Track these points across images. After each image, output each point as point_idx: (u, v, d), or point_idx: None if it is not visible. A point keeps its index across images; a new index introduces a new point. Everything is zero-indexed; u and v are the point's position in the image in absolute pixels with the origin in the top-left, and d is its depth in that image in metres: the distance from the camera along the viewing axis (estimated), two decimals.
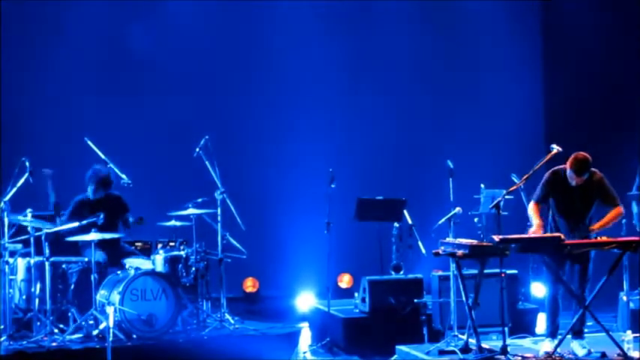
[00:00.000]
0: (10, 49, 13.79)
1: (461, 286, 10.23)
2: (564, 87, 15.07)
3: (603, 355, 9.92)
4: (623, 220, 11.98)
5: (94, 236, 10.78)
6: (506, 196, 10.40)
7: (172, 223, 11.79)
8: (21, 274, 11.07)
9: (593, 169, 10.03)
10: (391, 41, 15.09)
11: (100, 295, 10.88)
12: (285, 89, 14.82)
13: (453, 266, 10.61)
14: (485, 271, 10.11)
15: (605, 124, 14.55)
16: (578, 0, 14.95)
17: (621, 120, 14.45)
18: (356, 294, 12.64)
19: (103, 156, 11.68)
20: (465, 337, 10.31)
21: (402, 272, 12.47)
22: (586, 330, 10.38)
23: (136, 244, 12.05)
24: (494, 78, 15.19)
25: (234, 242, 12.04)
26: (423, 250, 12.24)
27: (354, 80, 15.02)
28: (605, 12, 14.69)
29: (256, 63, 14.82)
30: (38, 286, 10.86)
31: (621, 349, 9.88)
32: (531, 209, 10.19)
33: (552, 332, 10.24)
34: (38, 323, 10.81)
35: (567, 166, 10.00)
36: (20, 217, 10.76)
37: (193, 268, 11.46)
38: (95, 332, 10.73)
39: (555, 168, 10.16)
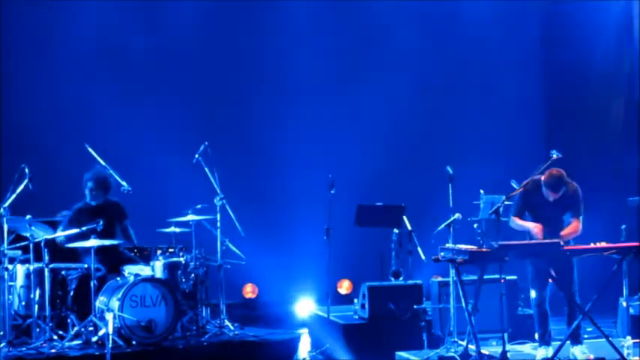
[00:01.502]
0: (10, 53, 13.78)
1: (460, 292, 10.23)
2: (565, 92, 15.07)
3: None
4: (623, 226, 11.99)
5: (93, 242, 10.78)
6: (506, 202, 10.40)
7: (172, 229, 11.79)
8: (20, 281, 11.07)
9: (567, 179, 10.05)
10: (391, 46, 15.08)
11: (100, 301, 10.87)
12: (284, 94, 14.80)
13: (452, 272, 10.61)
14: (485, 276, 10.11)
15: (607, 128, 14.54)
16: (577, 2, 14.94)
17: (622, 124, 14.45)
18: (355, 300, 12.63)
19: (102, 162, 11.68)
20: (464, 342, 10.31)
21: (401, 278, 12.46)
22: (586, 336, 10.39)
23: (135, 250, 12.03)
24: (494, 83, 15.18)
25: (234, 248, 12.03)
26: (423, 256, 12.23)
27: (354, 85, 15.01)
28: (606, 12, 14.69)
29: (255, 69, 14.80)
30: (37, 292, 10.85)
31: (621, 354, 9.89)
32: (516, 221, 10.19)
33: (545, 339, 10.24)
34: (37, 329, 10.80)
35: (544, 181, 10.02)
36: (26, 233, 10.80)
37: (193, 275, 11.45)
38: (94, 339, 10.71)
39: (531, 179, 10.15)
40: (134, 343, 10.71)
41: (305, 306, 13.97)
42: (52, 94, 13.99)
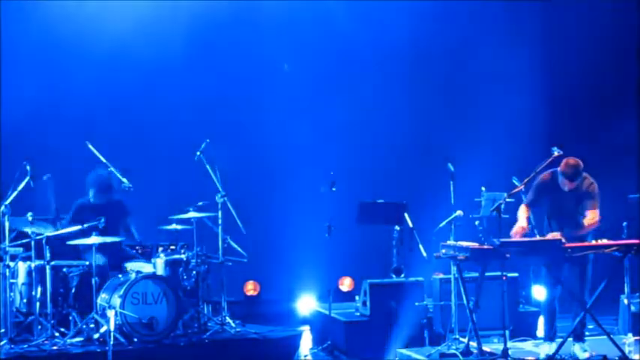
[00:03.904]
0: (11, 52, 13.78)
1: (462, 289, 10.24)
2: (566, 89, 15.07)
3: (604, 358, 9.94)
4: (624, 223, 11.99)
5: (94, 240, 10.79)
6: (507, 199, 10.41)
7: (173, 226, 11.78)
8: (22, 278, 11.08)
9: (585, 174, 10.06)
10: (392, 44, 15.07)
11: (101, 298, 10.88)
12: (285, 93, 14.80)
13: (454, 269, 10.62)
14: (486, 274, 10.12)
15: (606, 126, 14.55)
16: (578, 1, 14.94)
17: (622, 122, 14.45)
18: (357, 297, 12.63)
19: (104, 160, 11.69)
20: (466, 340, 10.32)
21: (402, 275, 12.46)
22: (587, 333, 10.39)
23: (137, 247, 12.04)
24: (495, 81, 15.17)
25: (235, 246, 12.03)
26: (424, 253, 12.24)
27: (355, 83, 15.01)
28: (606, 12, 14.69)
29: (257, 66, 14.80)
30: (39, 289, 10.86)
31: (622, 352, 9.90)
32: (521, 210, 10.22)
33: (550, 336, 10.26)
34: (39, 327, 10.81)
35: (561, 170, 10.03)
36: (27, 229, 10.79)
37: (194, 272, 11.46)
38: (96, 336, 10.72)
39: (547, 171, 10.18)
40: (135, 340, 10.72)
41: (306, 303, 13.98)
42: (53, 92, 13.98)
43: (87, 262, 11.07)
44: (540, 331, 11.14)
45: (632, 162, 13.90)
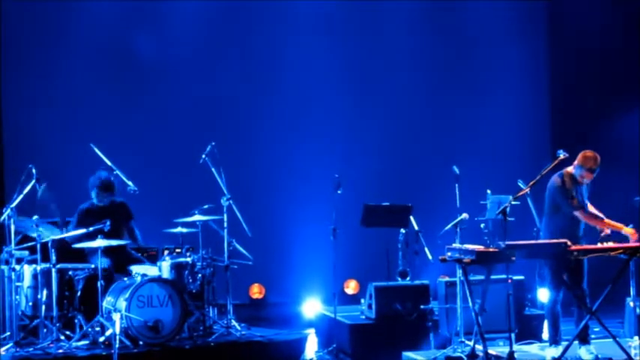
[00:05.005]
0: (13, 53, 13.79)
1: (467, 292, 10.22)
2: (571, 91, 15.06)
3: None
4: (630, 225, 11.98)
5: (100, 243, 10.79)
6: (513, 202, 10.39)
7: (179, 229, 11.80)
8: (27, 281, 11.08)
9: None
10: (396, 46, 15.07)
11: (107, 301, 10.89)
12: (290, 95, 14.80)
13: (459, 272, 10.61)
14: (492, 276, 10.11)
15: (611, 128, 14.55)
16: (582, 1, 14.93)
17: (624, 122, 14.45)
18: (362, 300, 12.63)
19: (109, 162, 11.70)
20: (471, 343, 10.31)
21: (408, 278, 12.46)
22: (593, 336, 10.39)
23: (143, 250, 12.04)
24: (500, 83, 15.17)
25: (241, 248, 12.04)
26: (430, 256, 12.24)
27: (360, 86, 15.01)
28: (609, 13, 14.70)
29: (261, 68, 14.80)
30: (45, 292, 10.87)
31: (628, 354, 9.88)
32: (590, 216, 10.16)
33: (555, 339, 10.24)
34: (44, 330, 10.81)
35: (581, 164, 10.06)
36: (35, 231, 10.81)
37: (200, 275, 11.46)
38: (102, 339, 10.72)
39: (562, 172, 10.20)
40: (141, 343, 10.72)
41: (312, 306, 13.97)
42: (57, 94, 14.00)
43: (92, 266, 11.09)
44: (546, 334, 11.14)
45: (635, 164, 13.89)
